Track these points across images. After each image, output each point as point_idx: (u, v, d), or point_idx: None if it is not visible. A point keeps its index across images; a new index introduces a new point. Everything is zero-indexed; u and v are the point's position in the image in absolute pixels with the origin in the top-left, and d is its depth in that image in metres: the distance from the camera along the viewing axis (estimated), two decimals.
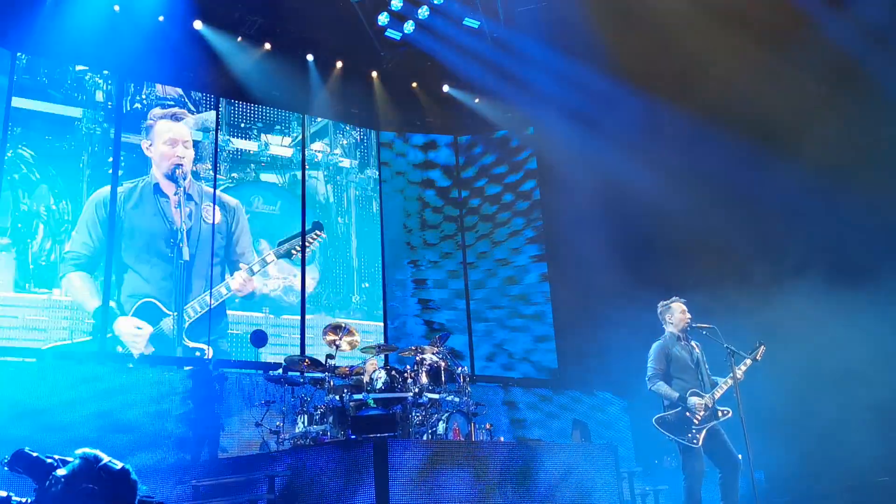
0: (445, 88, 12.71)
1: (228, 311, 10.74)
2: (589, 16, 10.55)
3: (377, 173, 12.65)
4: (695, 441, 6.16)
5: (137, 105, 10.75)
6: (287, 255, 11.22)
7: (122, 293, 10.02)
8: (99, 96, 10.51)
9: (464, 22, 11.32)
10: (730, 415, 6.28)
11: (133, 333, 9.88)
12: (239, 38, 11.17)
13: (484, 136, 13.06)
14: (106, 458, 2.46)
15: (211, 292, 10.45)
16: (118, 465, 2.46)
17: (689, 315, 6.59)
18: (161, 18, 10.60)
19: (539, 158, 12.74)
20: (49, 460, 2.53)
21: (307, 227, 11.55)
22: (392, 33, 11.52)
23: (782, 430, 8.39)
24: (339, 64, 12.02)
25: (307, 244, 11.38)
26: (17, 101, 9.91)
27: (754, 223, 9.75)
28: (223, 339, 10.58)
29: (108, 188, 10.26)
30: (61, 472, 2.42)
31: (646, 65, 10.39)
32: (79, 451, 2.46)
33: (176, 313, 10.24)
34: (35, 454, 2.55)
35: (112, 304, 9.91)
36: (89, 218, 10.09)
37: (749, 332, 6.61)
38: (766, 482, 8.22)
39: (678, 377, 6.40)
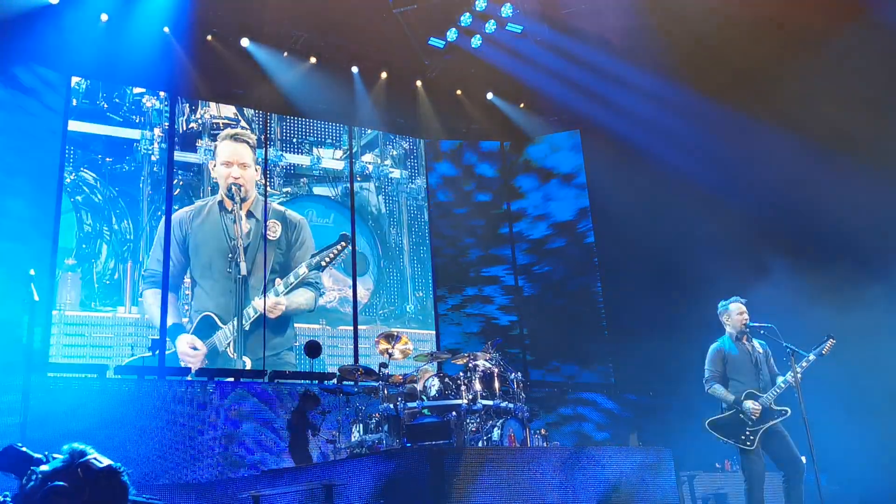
0: (489, 96, 12.70)
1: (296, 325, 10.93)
2: (636, 16, 10.43)
3: (426, 182, 12.72)
4: (749, 443, 6.03)
5: (193, 125, 11.03)
6: (318, 267, 11.30)
7: (192, 308, 10.30)
8: (156, 117, 10.81)
9: (506, 27, 11.29)
10: (788, 414, 6.11)
11: (189, 353, 10.11)
12: (285, 54, 11.37)
13: (530, 141, 13.00)
14: (92, 455, 2.22)
15: (240, 314, 10.62)
16: (103, 462, 2.22)
17: (746, 316, 6.44)
18: (210, 38, 10.88)
19: (588, 163, 12.62)
20: (38, 455, 2.33)
21: (335, 240, 11.63)
22: (435, 41, 11.57)
23: (850, 430, 8.12)
24: (384, 74, 12.13)
25: (331, 256, 11.39)
26: (78, 125, 10.27)
27: (827, 228, 9.43)
28: (289, 352, 10.76)
29: (184, 209, 10.58)
30: (44, 468, 2.20)
31: (698, 64, 10.22)
32: (67, 446, 2.25)
33: (226, 326, 10.44)
34: (24, 449, 2.35)
35: (185, 320, 10.20)
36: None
37: (810, 337, 6.41)
38: (831, 484, 7.97)
39: (735, 379, 6.28)
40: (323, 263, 11.39)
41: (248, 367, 10.36)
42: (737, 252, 10.08)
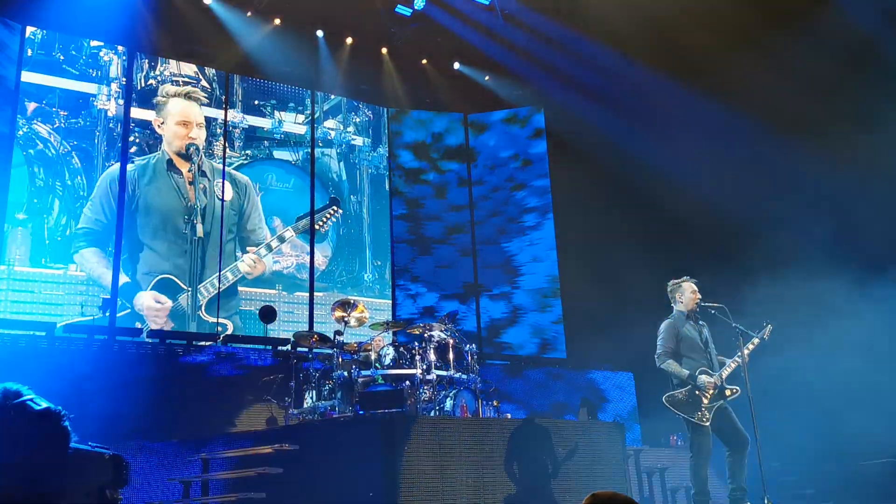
0: (456, 66, 12.63)
1: (240, 288, 10.82)
2: None
3: (388, 151, 12.63)
4: (704, 419, 6.19)
5: (152, 82, 10.78)
6: (306, 231, 11.30)
7: (138, 270, 10.11)
8: (114, 72, 10.55)
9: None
10: (738, 393, 6.30)
11: (154, 308, 10.00)
12: (249, 14, 11.15)
13: (494, 113, 12.97)
14: (28, 396, 1.99)
15: (220, 276, 10.50)
16: (41, 404, 2.00)
17: (699, 295, 6.60)
18: None
19: (550, 136, 12.66)
20: None
21: (324, 203, 11.61)
22: (402, 9, 11.43)
23: (792, 410, 8.38)
24: (349, 40, 11.96)
25: (325, 220, 11.46)
26: (33, 77, 9.97)
27: (774, 207, 9.63)
28: (235, 315, 10.68)
29: (128, 167, 10.34)
30: None
31: (665, 46, 10.29)
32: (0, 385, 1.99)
33: (190, 289, 10.33)
34: None
35: (126, 279, 10.02)
36: (103, 194, 10.15)
37: (757, 316, 6.60)
38: (774, 461, 8.22)
39: (688, 356, 6.41)
40: (317, 227, 11.38)
41: (231, 330, 10.34)
42: (695, 233, 10.27)
